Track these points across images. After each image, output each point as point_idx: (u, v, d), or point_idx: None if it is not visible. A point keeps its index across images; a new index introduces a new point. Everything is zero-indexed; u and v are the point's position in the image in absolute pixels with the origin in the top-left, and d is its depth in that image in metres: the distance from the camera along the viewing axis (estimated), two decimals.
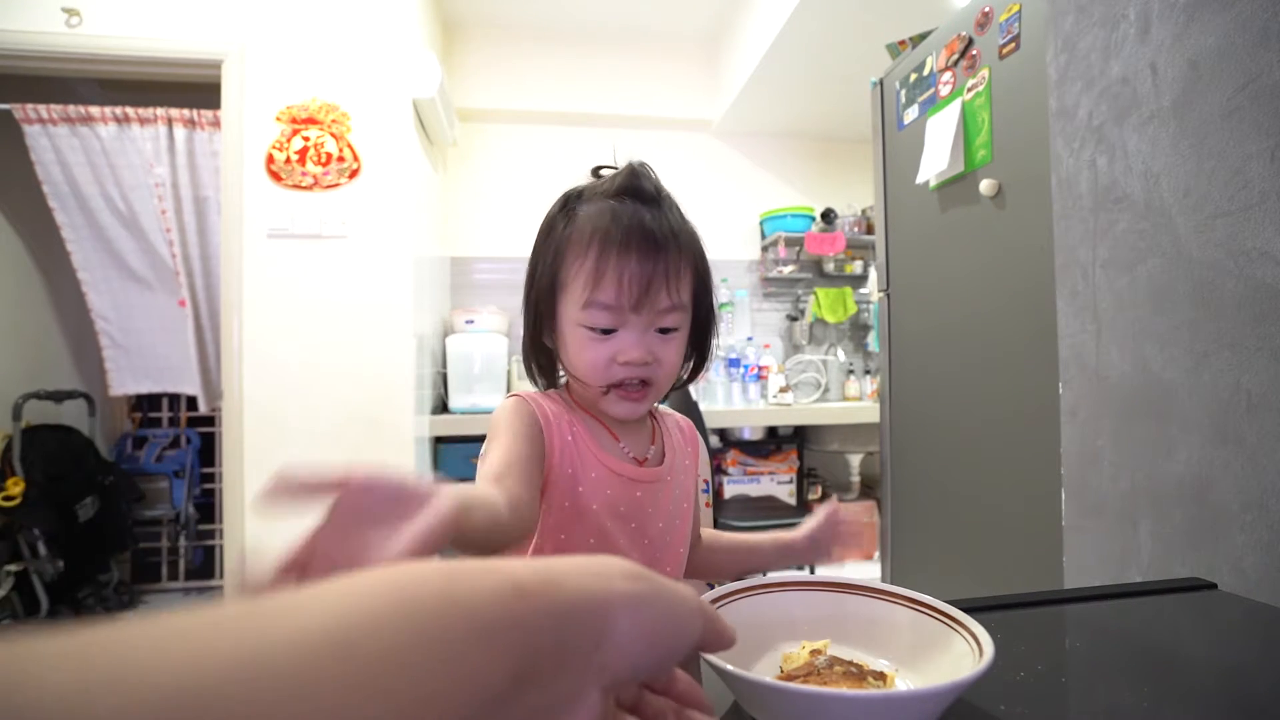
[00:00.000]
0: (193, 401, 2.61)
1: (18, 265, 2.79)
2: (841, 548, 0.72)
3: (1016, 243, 1.40)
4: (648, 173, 0.66)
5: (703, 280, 0.67)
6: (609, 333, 0.62)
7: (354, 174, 2.23)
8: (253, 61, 2.19)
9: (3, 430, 2.50)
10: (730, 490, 2.81)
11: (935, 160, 1.62)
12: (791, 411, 2.84)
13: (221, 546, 2.80)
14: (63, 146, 2.33)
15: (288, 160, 2.19)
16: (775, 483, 2.87)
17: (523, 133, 3.12)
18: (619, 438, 0.69)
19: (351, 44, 2.24)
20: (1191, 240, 0.86)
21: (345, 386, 2.20)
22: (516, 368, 2.70)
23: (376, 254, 2.24)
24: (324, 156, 2.21)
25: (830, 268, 3.28)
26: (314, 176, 2.21)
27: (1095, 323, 1.02)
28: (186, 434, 3.16)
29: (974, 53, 1.53)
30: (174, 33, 2.16)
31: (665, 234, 0.62)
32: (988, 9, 1.48)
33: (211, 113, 2.32)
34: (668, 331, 0.64)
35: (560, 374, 0.70)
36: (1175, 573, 0.88)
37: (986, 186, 1.47)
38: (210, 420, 3.09)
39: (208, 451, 3.16)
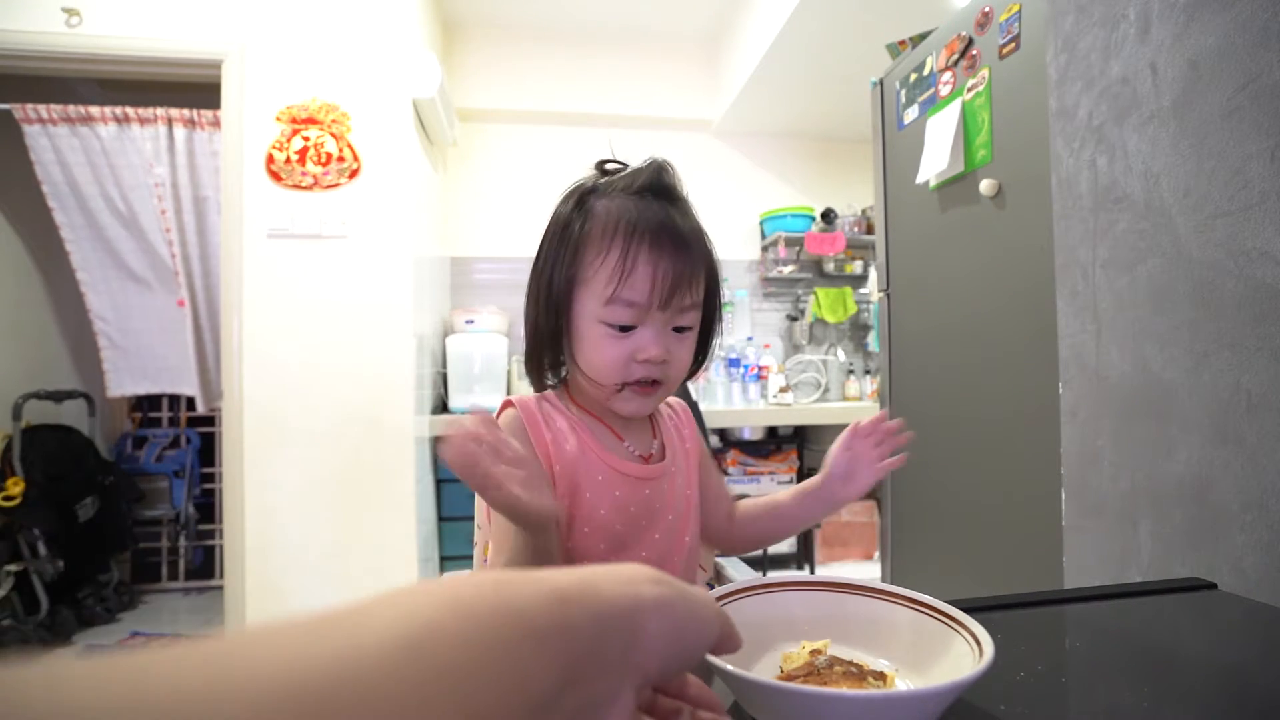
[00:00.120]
0: (193, 401, 2.60)
1: (18, 265, 2.79)
2: (869, 468, 0.70)
3: (1016, 243, 1.40)
4: (672, 171, 0.66)
5: (713, 280, 0.67)
6: (627, 330, 0.61)
7: (354, 174, 2.23)
8: (253, 61, 2.19)
9: (3, 430, 2.50)
10: (730, 490, 2.81)
11: (935, 160, 1.62)
12: (791, 411, 2.84)
13: (221, 546, 2.80)
14: (62, 146, 2.33)
15: (288, 160, 2.19)
16: (775, 483, 2.87)
17: (523, 133, 3.12)
18: (623, 437, 0.68)
19: (351, 44, 2.24)
20: (1191, 240, 0.86)
21: (345, 386, 2.20)
22: (516, 367, 2.70)
23: (376, 254, 2.24)
24: (324, 156, 2.21)
25: (830, 268, 3.28)
26: (314, 176, 2.20)
27: (1095, 323, 1.02)
28: (186, 434, 3.17)
29: (974, 53, 1.53)
30: (174, 33, 2.16)
31: (691, 233, 0.63)
32: (988, 9, 1.48)
33: (211, 113, 2.32)
34: (683, 330, 0.64)
35: (563, 371, 0.69)
36: (1175, 573, 0.88)
37: (986, 186, 1.47)
38: (210, 420, 3.09)
39: (208, 451, 3.16)
